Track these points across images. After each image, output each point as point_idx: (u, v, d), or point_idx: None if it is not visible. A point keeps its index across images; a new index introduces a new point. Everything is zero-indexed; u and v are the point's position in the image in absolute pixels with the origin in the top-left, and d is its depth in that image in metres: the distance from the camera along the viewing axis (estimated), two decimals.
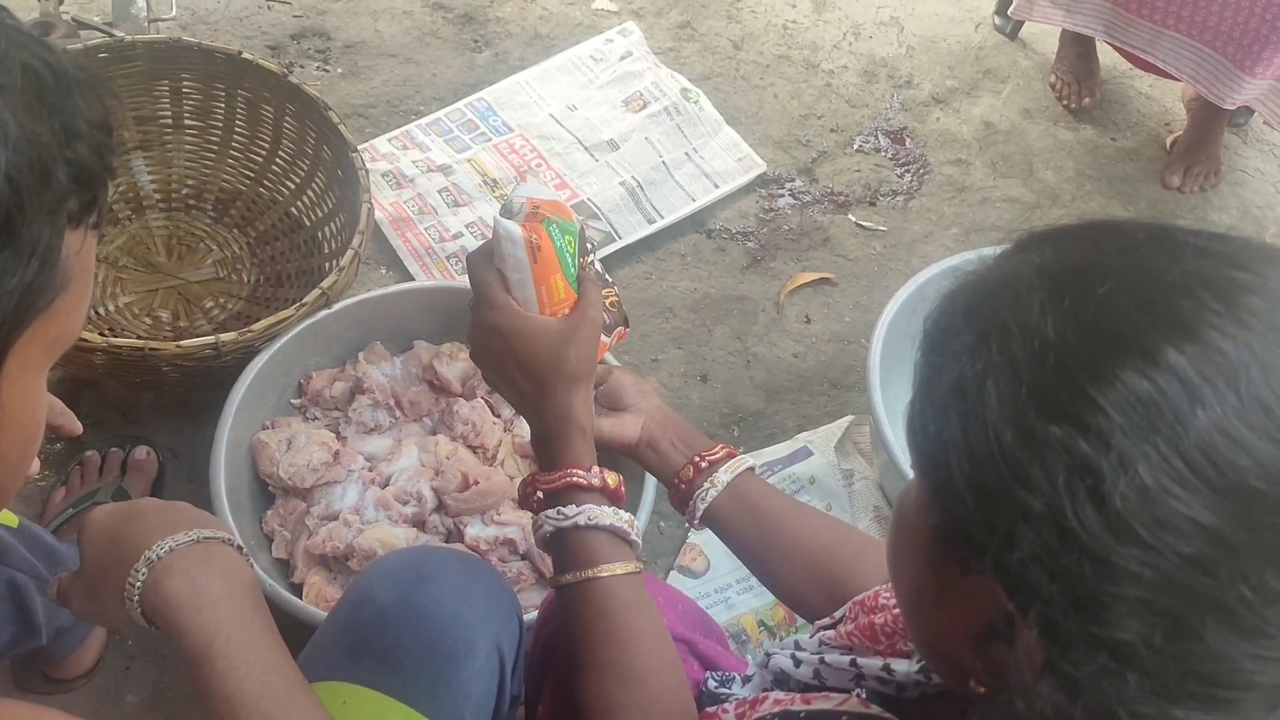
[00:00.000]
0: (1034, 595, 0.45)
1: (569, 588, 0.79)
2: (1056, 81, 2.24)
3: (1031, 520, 0.44)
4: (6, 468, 0.49)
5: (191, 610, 0.68)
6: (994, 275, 0.51)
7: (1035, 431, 0.44)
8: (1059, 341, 0.45)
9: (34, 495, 1.44)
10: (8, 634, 1.12)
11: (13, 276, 0.41)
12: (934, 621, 0.54)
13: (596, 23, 2.17)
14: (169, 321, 1.60)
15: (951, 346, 0.49)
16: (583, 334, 0.82)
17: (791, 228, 1.95)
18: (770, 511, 0.89)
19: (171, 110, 1.65)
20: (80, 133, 0.44)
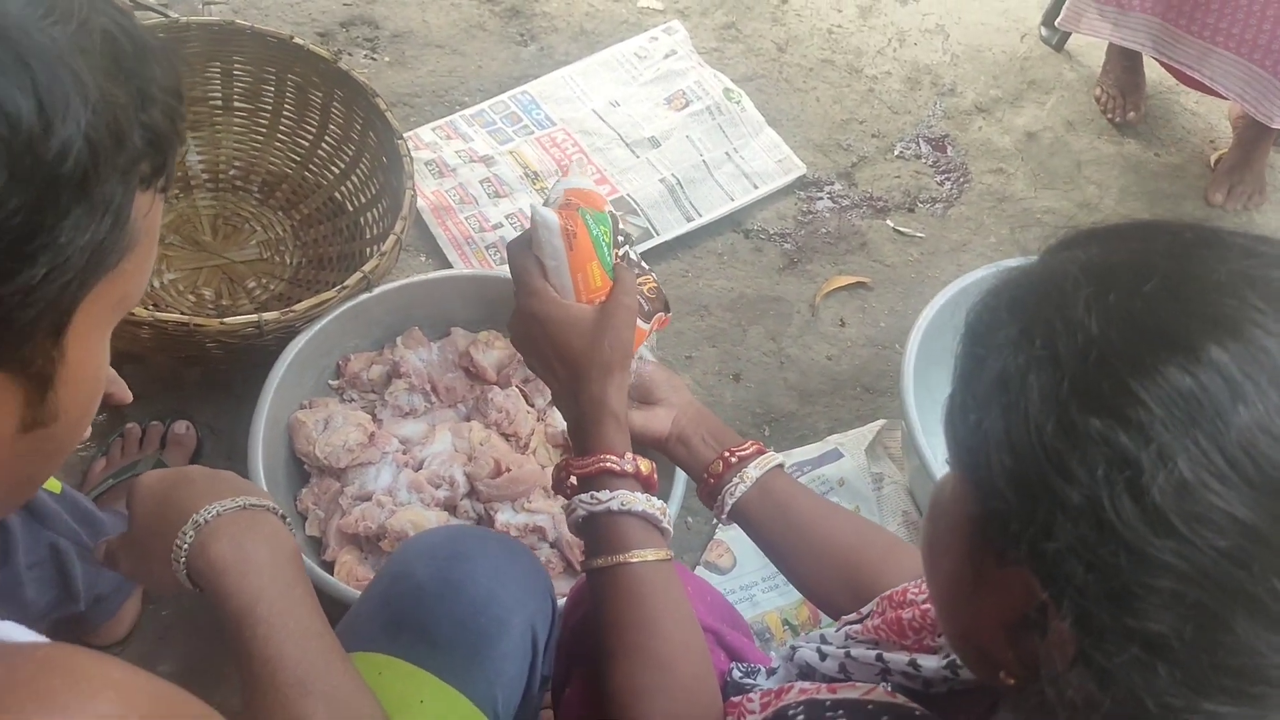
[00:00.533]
0: (1069, 585, 0.46)
1: (600, 572, 0.80)
2: (1101, 94, 2.23)
3: (1069, 511, 0.45)
4: (68, 424, 0.50)
5: (236, 574, 0.70)
6: (1039, 271, 0.52)
7: (1076, 424, 0.45)
8: (1102, 336, 0.46)
9: (75, 465, 1.47)
10: (48, 597, 1.15)
11: (86, 233, 0.42)
12: (968, 613, 0.54)
13: (642, 21, 2.18)
14: (212, 300, 1.62)
15: (995, 340, 0.50)
16: (616, 321, 0.83)
17: (829, 231, 1.95)
18: (798, 509, 0.90)
19: (222, 92, 1.67)
20: (154, 97, 0.46)
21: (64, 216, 0.41)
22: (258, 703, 0.67)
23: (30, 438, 0.48)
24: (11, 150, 0.39)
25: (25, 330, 0.43)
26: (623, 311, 0.83)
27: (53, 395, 0.47)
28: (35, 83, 0.39)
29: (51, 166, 0.40)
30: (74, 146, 0.41)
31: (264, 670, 0.67)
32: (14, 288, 0.41)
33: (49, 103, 0.40)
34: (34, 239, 0.40)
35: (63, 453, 0.53)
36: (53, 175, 0.40)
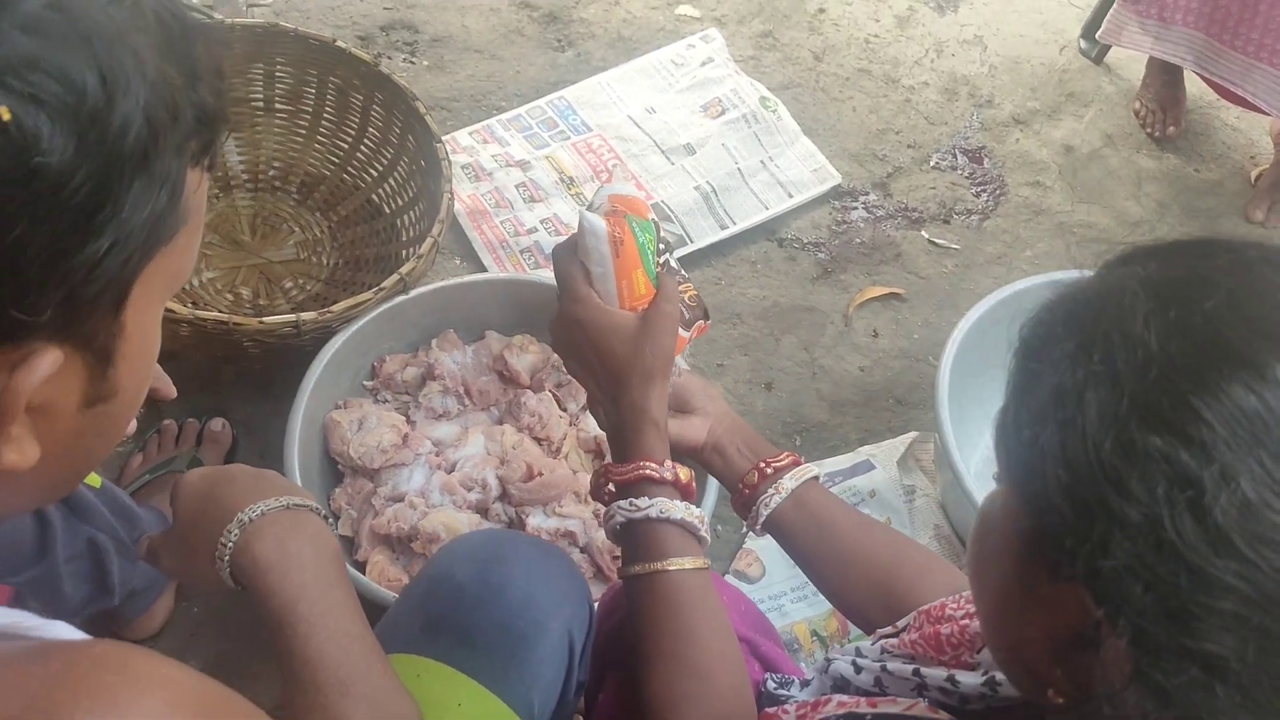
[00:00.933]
0: (1126, 604, 0.45)
1: (637, 579, 0.80)
2: (1141, 108, 2.21)
3: (1128, 529, 0.44)
4: (125, 401, 0.51)
5: (279, 573, 0.70)
6: (1096, 286, 0.52)
7: (1136, 441, 0.44)
8: (1163, 353, 0.45)
9: (113, 460, 1.48)
10: (84, 592, 1.16)
11: (146, 206, 0.43)
12: (1016, 629, 0.54)
13: (679, 28, 2.19)
14: (249, 299, 1.64)
15: (1050, 354, 0.49)
16: (659, 329, 0.83)
17: (863, 241, 1.94)
18: (833, 522, 0.90)
19: (264, 93, 1.69)
20: (202, 76, 0.47)
21: (127, 189, 0.42)
22: (298, 701, 0.67)
23: (92, 414, 0.49)
24: (78, 121, 0.40)
25: (90, 304, 0.44)
26: (666, 319, 0.83)
27: (113, 370, 0.48)
28: (98, 59, 0.41)
29: (115, 140, 0.41)
30: (135, 121, 0.42)
31: (305, 669, 0.68)
32: (81, 260, 0.42)
33: (111, 78, 0.41)
34: (100, 211, 0.41)
35: (119, 430, 0.54)
36: (116, 148, 0.41)
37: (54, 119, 0.39)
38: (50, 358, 0.43)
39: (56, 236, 0.40)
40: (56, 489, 0.55)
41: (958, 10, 2.37)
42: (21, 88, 0.38)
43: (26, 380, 0.43)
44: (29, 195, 0.39)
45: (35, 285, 0.41)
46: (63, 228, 0.41)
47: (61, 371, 0.44)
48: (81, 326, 0.44)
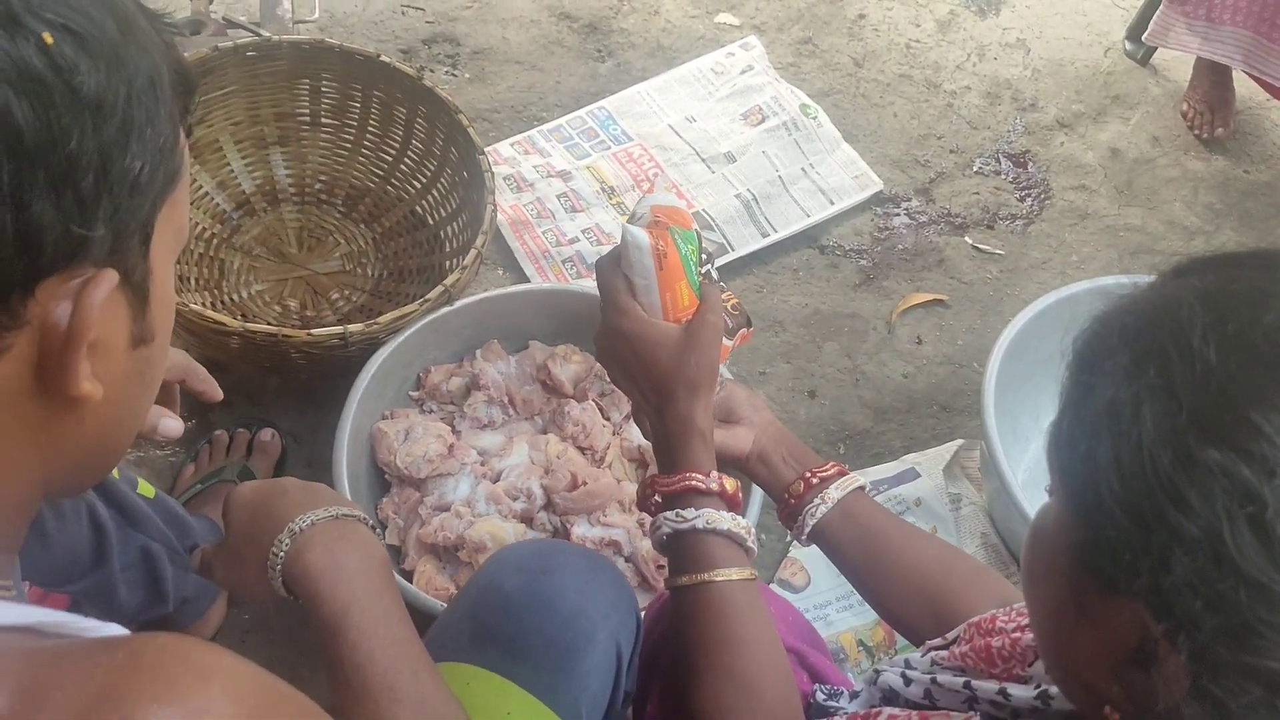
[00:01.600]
0: (1186, 620, 0.45)
1: (684, 590, 0.80)
2: (1189, 110, 2.18)
3: (1187, 545, 0.44)
4: (159, 348, 0.55)
5: (329, 581, 0.72)
6: (1152, 298, 0.51)
7: (1194, 455, 0.44)
8: (1222, 367, 0.45)
9: (166, 470, 1.51)
10: (138, 599, 1.18)
11: (160, 136, 0.49)
12: (1070, 643, 0.53)
13: (718, 36, 2.19)
14: (297, 310, 1.66)
15: (1105, 367, 0.49)
16: (704, 341, 0.83)
17: (906, 247, 1.93)
18: (880, 532, 0.90)
19: (310, 108, 1.72)
20: (174, 45, 0.53)
21: (146, 114, 0.48)
22: (348, 707, 0.69)
23: (136, 357, 0.53)
24: (105, 51, 0.45)
25: (130, 226, 0.48)
26: (710, 330, 0.83)
27: (149, 310, 0.52)
28: (110, 6, 0.47)
29: (133, 73, 0.47)
30: (145, 61, 0.48)
31: (355, 675, 0.69)
32: (123, 173, 0.47)
33: (123, 23, 0.47)
34: (131, 128, 0.47)
35: (156, 382, 0.58)
36: (133, 77, 0.47)
37: (85, 47, 0.44)
38: (109, 276, 0.47)
39: (102, 150, 0.45)
40: (108, 449, 0.57)
41: (999, 13, 2.35)
42: (57, 19, 0.44)
43: (94, 296, 0.47)
44: (76, 112, 0.44)
45: (90, 198, 0.45)
46: (106, 142, 0.46)
47: (111, 305, 0.49)
48: (124, 254, 0.49)
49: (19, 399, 0.47)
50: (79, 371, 0.48)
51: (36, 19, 0.43)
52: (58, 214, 0.44)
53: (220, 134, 1.68)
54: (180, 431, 0.84)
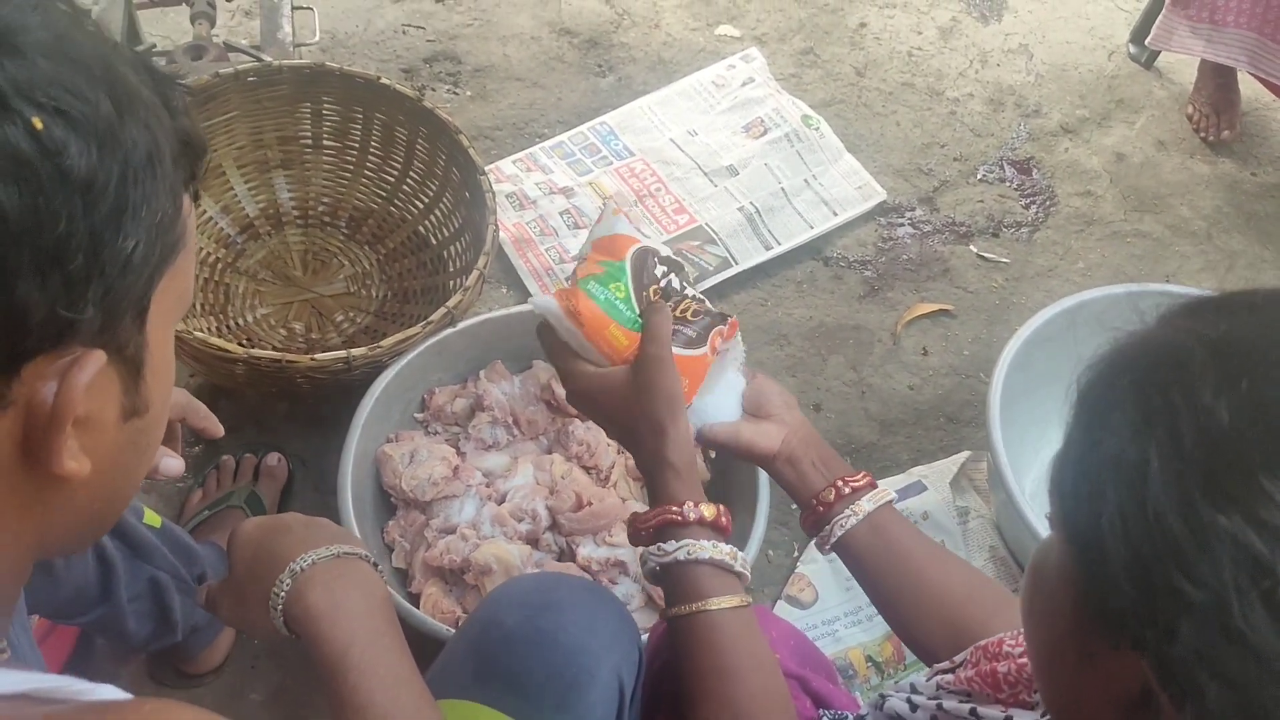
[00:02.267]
0: (1191, 689, 0.43)
1: (676, 621, 0.81)
2: (1194, 113, 2.16)
3: (1194, 614, 0.42)
4: (155, 418, 0.55)
5: (329, 621, 0.72)
6: (1159, 344, 0.49)
7: (1202, 519, 0.42)
8: (1233, 428, 0.43)
9: (173, 497, 1.52)
10: (147, 629, 1.19)
11: (158, 213, 0.48)
12: (1071, 686, 0.52)
13: (719, 48, 2.19)
14: (302, 334, 1.67)
15: (1111, 421, 0.47)
16: (648, 375, 0.85)
17: (911, 257, 1.93)
18: (907, 551, 0.89)
19: (312, 131, 1.72)
20: (179, 109, 0.52)
21: (142, 192, 0.47)
22: None
23: (129, 429, 0.53)
24: (96, 133, 0.45)
25: (122, 305, 0.48)
26: (652, 363, 0.85)
27: (143, 383, 0.52)
28: (105, 81, 0.46)
29: (128, 151, 0.46)
30: (141, 136, 0.47)
31: (355, 716, 0.69)
32: (114, 253, 0.46)
33: (116, 98, 0.46)
34: (125, 210, 0.46)
35: (153, 449, 0.58)
36: (130, 158, 0.46)
37: (76, 129, 0.44)
38: (95, 357, 0.47)
39: (94, 232, 0.45)
40: (104, 517, 0.58)
41: (1001, 19, 2.34)
42: (48, 102, 0.44)
43: (78, 378, 0.47)
44: (66, 195, 0.44)
45: (79, 280, 0.45)
46: (98, 224, 0.45)
47: (101, 380, 0.48)
48: (116, 332, 0.49)
49: (7, 473, 0.48)
50: (63, 451, 0.48)
51: (27, 102, 0.43)
52: (43, 296, 0.44)
53: (223, 159, 1.69)
54: (182, 470, 0.85)
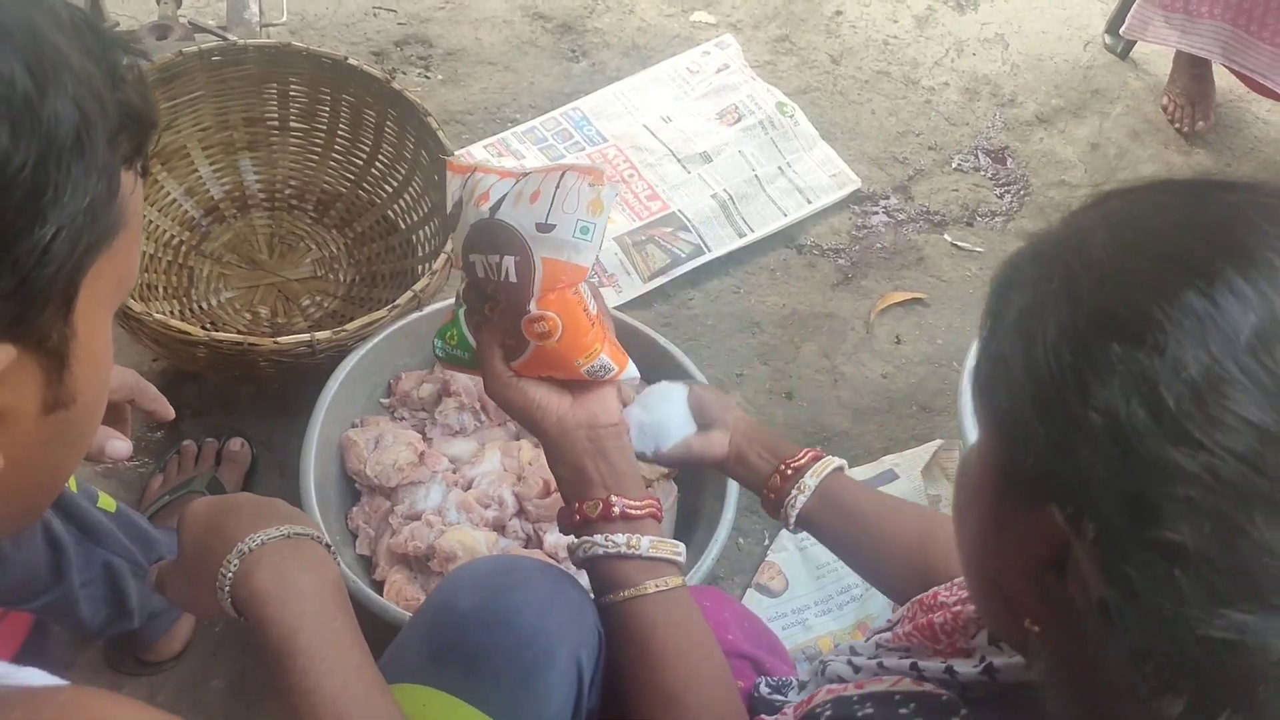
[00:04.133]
0: (1090, 503, 0.46)
1: (603, 612, 0.82)
2: (1169, 104, 2.17)
3: (1088, 431, 0.46)
4: (85, 408, 0.51)
5: (277, 603, 0.70)
6: (1059, 228, 0.54)
7: (1094, 349, 0.46)
8: (1119, 271, 0.48)
9: (133, 482, 1.49)
10: (102, 615, 1.16)
11: (85, 194, 0.44)
12: (995, 562, 0.55)
13: (694, 35, 2.17)
14: (268, 317, 1.64)
15: (1013, 295, 0.52)
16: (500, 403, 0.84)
17: (884, 246, 1.92)
18: (860, 510, 0.92)
19: (279, 112, 1.70)
20: (124, 78, 0.48)
21: (66, 176, 0.43)
22: None
23: (52, 421, 0.49)
24: (11, 108, 0.41)
25: (40, 297, 0.45)
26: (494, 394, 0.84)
27: (69, 374, 0.49)
28: (23, 51, 0.42)
29: (49, 127, 0.43)
30: (65, 110, 0.43)
31: (303, 701, 0.67)
32: (30, 244, 0.43)
33: (37, 69, 0.43)
34: (42, 196, 0.43)
35: (84, 440, 0.55)
36: (51, 135, 0.43)
37: None
38: (3, 352, 0.44)
39: (4, 221, 0.41)
40: (28, 508, 0.55)
41: (978, 8, 2.34)
42: None
43: None
44: None
45: None
46: (8, 211, 0.42)
47: (17, 373, 0.45)
48: (34, 324, 0.45)
49: None
50: None
51: None
52: None
53: (188, 140, 1.66)
54: (129, 453, 0.82)
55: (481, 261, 0.82)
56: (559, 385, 0.84)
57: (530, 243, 0.79)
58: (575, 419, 0.82)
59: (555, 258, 0.79)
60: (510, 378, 0.83)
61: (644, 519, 0.82)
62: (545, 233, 0.78)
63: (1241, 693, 0.44)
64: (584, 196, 0.78)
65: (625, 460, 0.83)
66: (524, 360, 0.82)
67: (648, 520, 0.82)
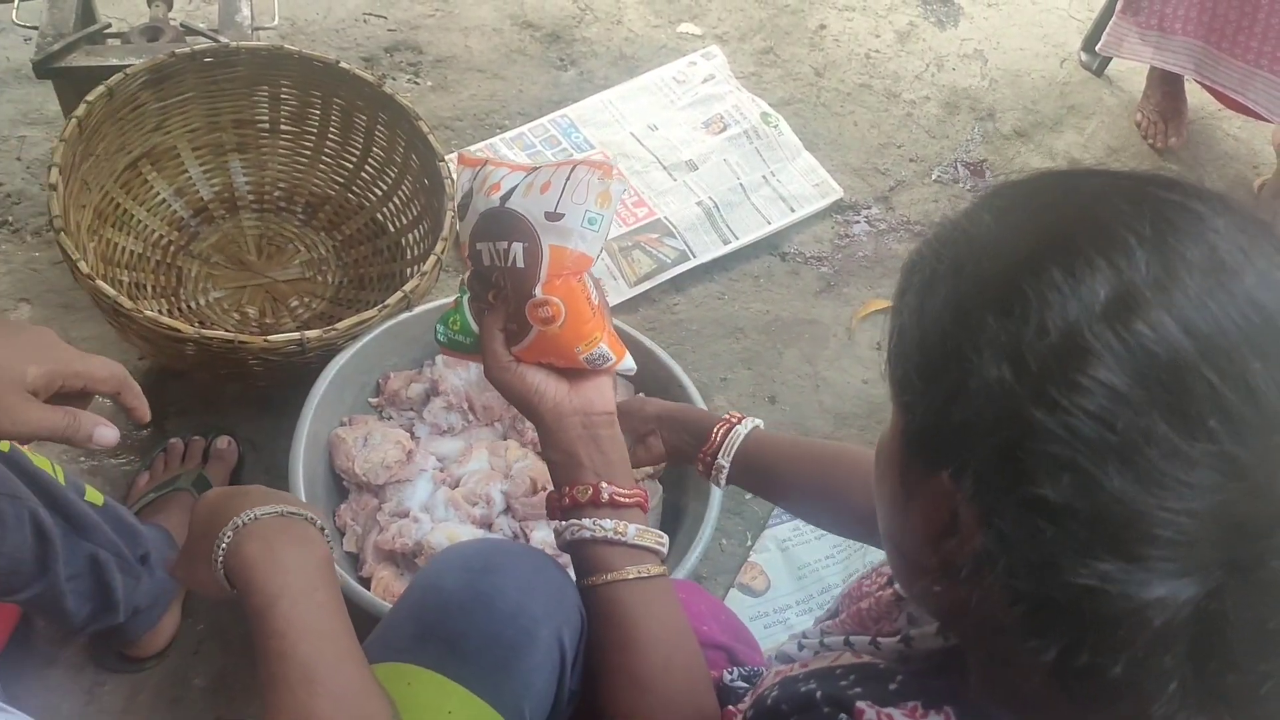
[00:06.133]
0: (968, 461, 0.50)
1: (584, 594, 0.84)
2: (1143, 120, 2.21)
3: (964, 394, 0.50)
4: None
5: (263, 571, 0.72)
6: (958, 215, 0.58)
7: (971, 320, 0.50)
8: (996, 250, 0.52)
9: (120, 479, 1.49)
10: (87, 609, 1.16)
11: None
12: (904, 531, 0.58)
13: (681, 45, 2.20)
14: (256, 318, 1.65)
15: (917, 266, 0.56)
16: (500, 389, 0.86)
17: (866, 255, 1.95)
18: (774, 468, 1.02)
19: (269, 115, 1.71)
20: None
21: None
22: (269, 697, 0.69)
23: None
24: None
25: None
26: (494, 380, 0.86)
27: None
28: None
29: None
30: None
31: (278, 666, 0.69)
32: None
33: None
34: None
35: None
36: None
37: None
38: None
39: None
40: None
41: (958, 25, 2.38)
42: None
43: None
44: None
45: None
46: None
47: None
48: None
49: None
50: None
51: None
52: None
53: (178, 140, 1.67)
54: (116, 439, 0.84)
55: (488, 249, 0.84)
56: (557, 372, 0.85)
57: (539, 230, 0.81)
58: (571, 405, 0.84)
59: (562, 245, 0.81)
60: (510, 362, 0.85)
61: (631, 507, 0.83)
62: (554, 221, 0.81)
63: (1104, 634, 0.47)
64: (593, 189, 0.81)
65: (617, 449, 0.85)
66: (525, 345, 0.84)
67: (635, 509, 0.83)
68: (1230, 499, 0.45)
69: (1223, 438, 0.45)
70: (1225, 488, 0.45)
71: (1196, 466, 0.45)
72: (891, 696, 0.58)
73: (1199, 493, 0.45)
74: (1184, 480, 0.45)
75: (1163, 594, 0.45)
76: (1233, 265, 0.47)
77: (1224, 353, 0.45)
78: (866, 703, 0.57)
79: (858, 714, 0.57)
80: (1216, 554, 0.45)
